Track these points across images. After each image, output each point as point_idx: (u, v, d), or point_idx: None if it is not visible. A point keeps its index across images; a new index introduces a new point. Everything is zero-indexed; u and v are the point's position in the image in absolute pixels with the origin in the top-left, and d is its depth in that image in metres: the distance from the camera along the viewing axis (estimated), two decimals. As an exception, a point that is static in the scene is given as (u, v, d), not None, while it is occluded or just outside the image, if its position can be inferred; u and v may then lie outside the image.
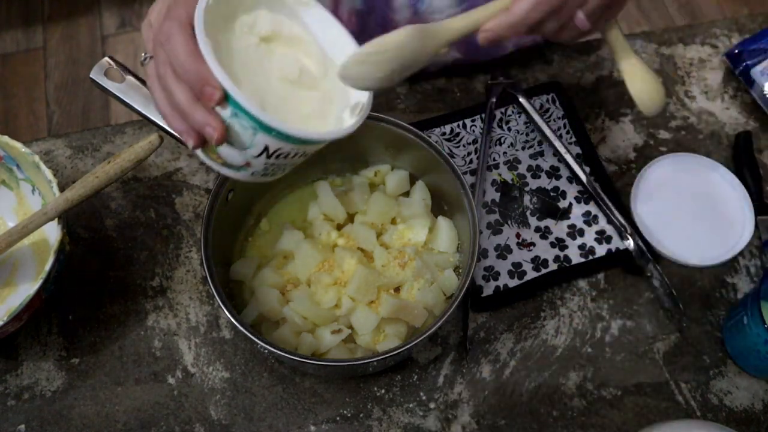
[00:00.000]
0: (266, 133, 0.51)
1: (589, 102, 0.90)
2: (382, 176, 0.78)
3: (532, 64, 0.92)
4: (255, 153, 0.54)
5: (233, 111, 0.51)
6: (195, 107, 0.51)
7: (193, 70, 0.50)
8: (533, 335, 0.76)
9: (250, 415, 0.71)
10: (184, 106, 0.51)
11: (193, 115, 0.51)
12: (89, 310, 0.76)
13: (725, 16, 2.06)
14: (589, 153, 0.85)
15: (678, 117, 0.89)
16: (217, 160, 0.56)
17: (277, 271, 0.72)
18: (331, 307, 0.69)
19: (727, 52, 0.91)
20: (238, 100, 0.50)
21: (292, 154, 0.55)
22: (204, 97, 0.50)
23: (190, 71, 0.50)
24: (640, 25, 2.06)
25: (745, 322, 0.70)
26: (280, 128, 0.51)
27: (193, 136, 0.53)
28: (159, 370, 0.73)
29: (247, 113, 0.50)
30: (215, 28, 0.54)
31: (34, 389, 0.72)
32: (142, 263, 0.79)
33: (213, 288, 0.63)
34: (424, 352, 0.75)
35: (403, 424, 0.71)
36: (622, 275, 0.79)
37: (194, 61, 0.50)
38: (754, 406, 0.72)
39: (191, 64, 0.50)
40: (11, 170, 0.76)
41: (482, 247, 0.79)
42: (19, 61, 1.97)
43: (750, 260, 0.80)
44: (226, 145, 0.54)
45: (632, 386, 0.73)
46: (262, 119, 0.50)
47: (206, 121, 0.51)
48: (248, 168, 0.56)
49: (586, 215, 0.81)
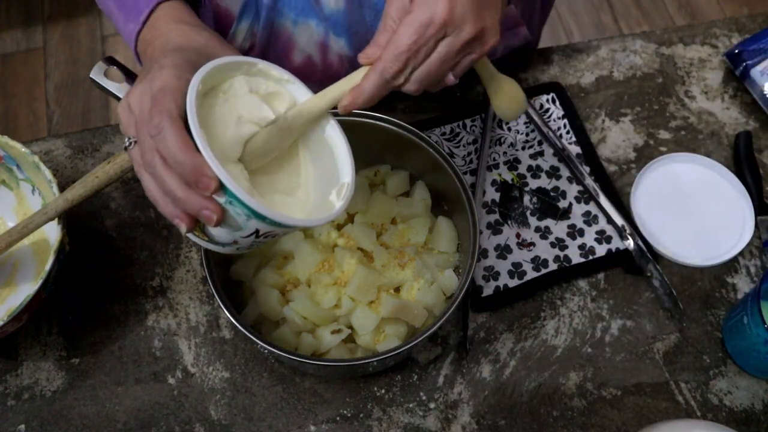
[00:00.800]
0: (259, 220, 0.51)
1: (589, 102, 0.90)
2: (382, 176, 0.78)
3: (532, 64, 0.92)
4: (245, 234, 0.53)
5: (228, 199, 0.50)
6: (190, 193, 0.50)
7: (188, 163, 0.49)
8: (533, 335, 0.76)
9: (250, 415, 0.71)
10: (177, 193, 0.51)
11: (188, 200, 0.51)
12: (89, 310, 0.76)
13: (725, 16, 2.06)
14: (589, 153, 0.85)
15: (678, 117, 0.89)
16: (203, 237, 0.56)
17: (277, 271, 0.72)
18: (331, 307, 0.69)
19: (727, 52, 0.91)
20: (235, 193, 0.49)
21: (280, 234, 0.55)
22: (200, 188, 0.50)
23: (185, 164, 0.49)
24: (640, 25, 2.06)
25: (745, 322, 0.70)
26: (272, 217, 0.51)
27: (186, 221, 0.52)
28: (159, 370, 0.73)
29: (243, 203, 0.50)
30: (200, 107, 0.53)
31: (34, 389, 0.72)
32: (142, 263, 0.79)
33: (213, 288, 0.63)
34: (424, 352, 0.75)
35: (403, 424, 0.71)
36: (622, 275, 0.79)
37: (188, 155, 0.49)
38: (754, 406, 0.72)
39: (185, 157, 0.49)
40: (11, 170, 0.76)
41: (482, 247, 0.79)
42: (19, 61, 1.97)
43: (750, 260, 0.80)
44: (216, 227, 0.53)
45: (632, 386, 0.73)
46: (257, 210, 0.50)
47: (203, 206, 0.50)
48: (234, 245, 0.56)
49: (586, 215, 0.81)
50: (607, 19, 2.09)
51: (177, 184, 0.51)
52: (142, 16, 0.63)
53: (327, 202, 0.58)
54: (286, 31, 0.77)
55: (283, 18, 0.76)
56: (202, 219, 0.51)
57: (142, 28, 0.63)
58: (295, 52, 0.79)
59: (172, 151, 0.49)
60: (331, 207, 0.57)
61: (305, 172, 0.60)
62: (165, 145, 0.50)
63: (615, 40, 0.95)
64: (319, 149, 0.60)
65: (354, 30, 0.76)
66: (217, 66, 0.54)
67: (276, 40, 0.78)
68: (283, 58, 0.80)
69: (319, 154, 0.60)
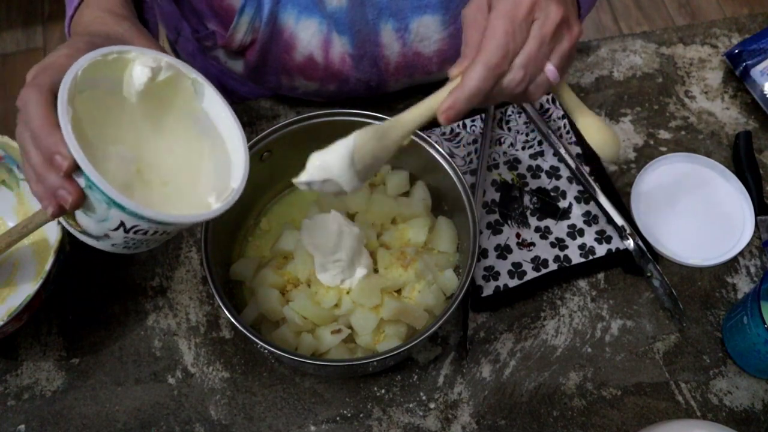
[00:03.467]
0: (119, 209, 0.50)
1: (589, 102, 0.90)
2: (382, 176, 0.78)
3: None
4: (112, 227, 0.52)
5: (87, 183, 0.49)
6: (49, 172, 0.49)
7: (44, 137, 0.48)
8: (533, 335, 0.76)
9: (250, 415, 0.71)
10: (38, 169, 0.50)
11: (48, 178, 0.49)
12: (89, 310, 0.76)
13: (725, 16, 2.06)
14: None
15: (678, 117, 0.89)
16: (77, 227, 0.54)
17: (277, 271, 0.72)
18: (331, 307, 0.69)
19: (727, 52, 0.91)
20: (89, 175, 0.48)
21: (151, 231, 0.53)
22: (54, 165, 0.49)
23: (41, 138, 0.49)
24: (640, 25, 2.06)
25: (745, 322, 0.70)
26: (131, 208, 0.49)
27: (53, 203, 0.50)
28: (159, 370, 0.73)
29: (99, 188, 0.49)
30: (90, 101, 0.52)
31: (34, 389, 0.72)
32: (142, 263, 0.79)
33: (213, 288, 0.63)
34: (424, 352, 0.75)
35: (403, 424, 0.71)
36: (622, 275, 0.79)
37: (47, 129, 0.48)
38: (754, 406, 0.72)
39: (43, 131, 0.48)
40: (11, 170, 0.76)
41: (482, 247, 0.79)
42: (19, 61, 1.97)
43: (750, 260, 0.80)
44: (83, 214, 0.52)
45: (632, 386, 0.73)
46: (114, 198, 0.49)
47: (60, 185, 0.49)
48: (108, 239, 0.54)
49: (586, 215, 0.81)
50: (607, 19, 2.09)
51: (39, 161, 0.50)
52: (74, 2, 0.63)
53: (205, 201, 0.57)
54: (289, 27, 0.77)
55: (286, 14, 0.76)
56: (60, 200, 0.50)
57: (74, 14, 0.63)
58: (297, 50, 0.79)
59: (33, 125, 0.49)
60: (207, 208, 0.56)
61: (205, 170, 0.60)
62: (28, 117, 0.49)
63: (615, 40, 0.95)
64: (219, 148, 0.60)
65: (357, 28, 0.76)
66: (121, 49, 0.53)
67: (278, 36, 0.78)
68: (285, 55, 0.80)
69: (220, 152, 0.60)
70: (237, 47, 0.81)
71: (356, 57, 0.80)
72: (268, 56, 0.82)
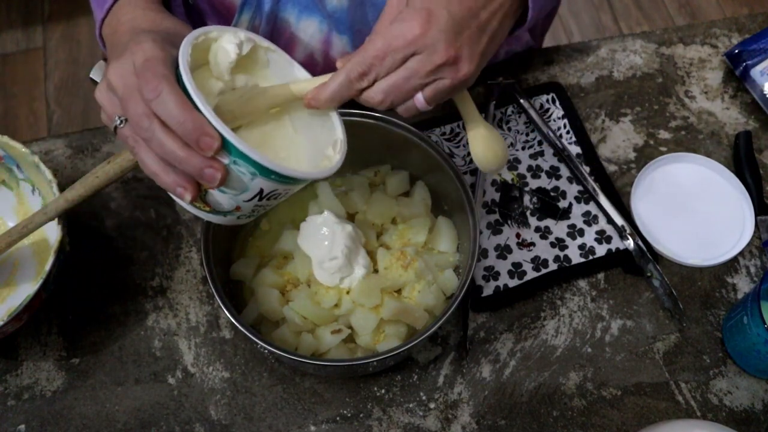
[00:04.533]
0: (265, 176, 0.51)
1: (589, 102, 0.90)
2: (382, 176, 0.78)
3: (532, 64, 0.92)
4: (249, 197, 0.53)
5: (232, 159, 0.50)
6: (192, 153, 0.50)
7: (189, 122, 0.49)
8: (533, 335, 0.76)
9: (250, 415, 0.71)
10: (179, 153, 0.50)
11: (191, 160, 0.50)
12: (89, 310, 0.76)
13: (725, 16, 2.06)
14: (589, 153, 0.85)
15: (678, 117, 0.89)
16: (205, 208, 0.55)
17: (277, 271, 0.72)
18: (331, 307, 0.69)
19: (727, 52, 0.91)
20: (240, 148, 0.49)
21: (282, 194, 0.55)
22: (202, 146, 0.49)
23: (186, 123, 0.49)
24: (640, 25, 2.06)
25: (745, 322, 0.70)
26: (280, 171, 0.51)
27: (190, 187, 0.52)
28: (159, 370, 0.73)
29: (249, 159, 0.50)
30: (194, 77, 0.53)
31: (34, 389, 0.72)
32: (142, 263, 0.79)
33: (213, 288, 0.63)
34: (424, 352, 0.75)
35: (403, 424, 0.71)
36: (622, 275, 0.79)
37: (190, 114, 0.49)
38: (754, 406, 0.72)
39: (187, 116, 0.49)
40: (11, 170, 0.76)
41: (482, 247, 0.79)
42: (19, 61, 1.97)
43: (750, 260, 0.80)
44: (218, 192, 0.53)
45: (632, 386, 0.73)
46: (264, 164, 0.50)
47: (206, 164, 0.50)
48: (236, 212, 0.55)
49: (586, 215, 0.81)
50: (607, 19, 2.09)
51: (178, 145, 0.50)
52: (107, 3, 0.64)
53: (324, 157, 0.58)
54: (289, 26, 0.77)
55: (287, 13, 0.76)
56: (205, 180, 0.51)
57: (106, 15, 0.64)
58: (297, 49, 0.79)
59: (174, 112, 0.49)
60: (329, 161, 0.57)
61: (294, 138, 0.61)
62: (165, 107, 0.49)
63: (615, 40, 0.95)
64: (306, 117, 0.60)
65: (357, 28, 0.76)
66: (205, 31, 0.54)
67: (279, 35, 0.78)
68: None
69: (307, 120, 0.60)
70: None
71: None
72: None
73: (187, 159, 0.50)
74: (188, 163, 0.50)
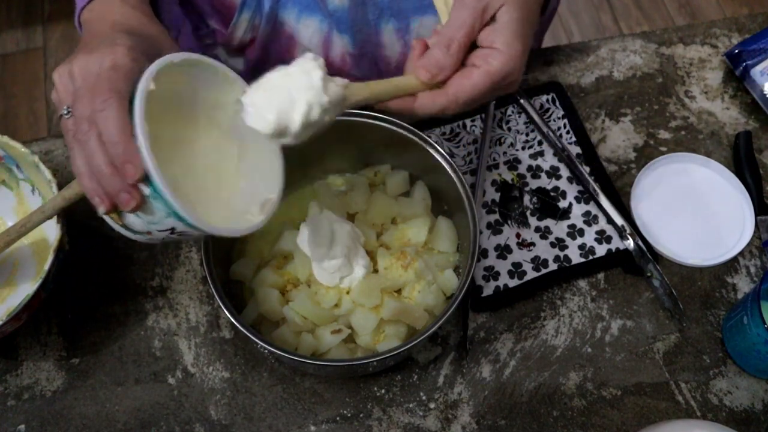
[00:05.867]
0: (179, 219, 0.51)
1: (589, 102, 0.90)
2: (382, 176, 0.78)
3: (532, 64, 0.92)
4: (161, 228, 0.53)
5: (152, 192, 0.50)
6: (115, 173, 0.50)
7: (121, 147, 0.49)
8: (533, 335, 0.76)
9: (250, 415, 0.71)
10: (103, 168, 0.50)
11: (113, 179, 0.50)
12: (89, 310, 0.76)
13: (725, 16, 2.06)
14: (589, 153, 0.85)
15: (678, 117, 0.89)
16: (118, 222, 0.55)
17: (277, 271, 0.72)
18: (331, 307, 0.69)
19: (727, 52, 0.91)
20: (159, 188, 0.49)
21: (194, 235, 0.55)
22: (124, 173, 0.49)
23: (117, 146, 0.49)
24: (640, 25, 2.06)
25: (745, 322, 0.70)
26: (193, 222, 0.51)
27: (106, 202, 0.51)
28: (159, 370, 0.73)
29: (166, 201, 0.49)
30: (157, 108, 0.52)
31: (34, 389, 0.72)
32: (142, 263, 0.79)
33: (213, 288, 0.63)
34: (424, 352, 0.75)
35: (403, 424, 0.71)
36: (622, 275, 0.79)
37: (124, 138, 0.49)
38: (754, 406, 0.72)
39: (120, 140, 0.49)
40: (11, 170, 0.76)
41: (482, 247, 0.79)
42: (19, 61, 1.97)
43: (750, 260, 0.80)
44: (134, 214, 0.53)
45: (632, 386, 0.73)
46: (180, 212, 0.50)
47: (124, 188, 0.50)
48: (147, 235, 0.55)
49: (586, 215, 0.81)
50: (607, 19, 2.09)
51: (104, 161, 0.50)
52: None
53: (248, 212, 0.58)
54: (290, 26, 0.77)
55: (287, 13, 0.76)
56: (119, 202, 0.50)
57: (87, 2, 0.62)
58: (297, 49, 0.79)
59: (110, 131, 0.49)
60: (250, 220, 0.57)
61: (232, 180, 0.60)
62: (105, 123, 0.49)
63: (615, 40, 0.95)
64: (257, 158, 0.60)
65: (357, 28, 0.76)
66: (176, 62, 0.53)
67: (279, 35, 0.78)
68: (286, 54, 0.80)
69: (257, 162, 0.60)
70: (237, 45, 0.81)
71: (357, 57, 0.80)
72: (268, 54, 0.81)
73: (109, 177, 0.50)
74: (109, 181, 0.50)
